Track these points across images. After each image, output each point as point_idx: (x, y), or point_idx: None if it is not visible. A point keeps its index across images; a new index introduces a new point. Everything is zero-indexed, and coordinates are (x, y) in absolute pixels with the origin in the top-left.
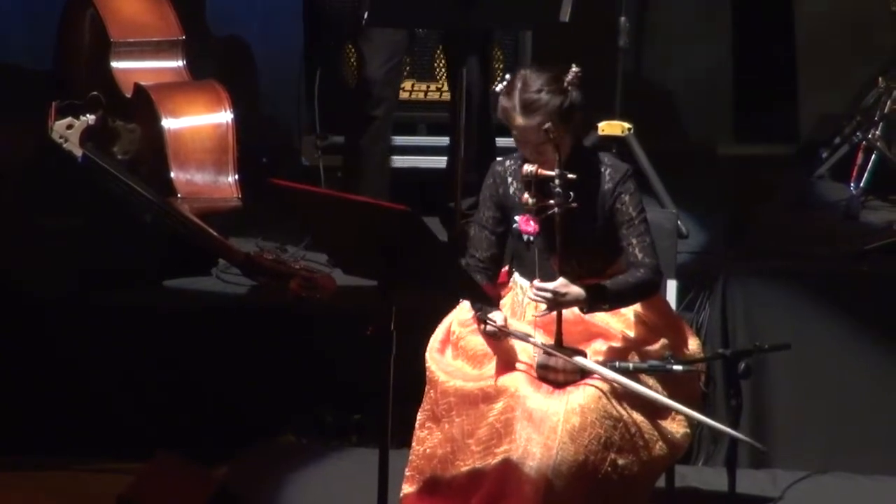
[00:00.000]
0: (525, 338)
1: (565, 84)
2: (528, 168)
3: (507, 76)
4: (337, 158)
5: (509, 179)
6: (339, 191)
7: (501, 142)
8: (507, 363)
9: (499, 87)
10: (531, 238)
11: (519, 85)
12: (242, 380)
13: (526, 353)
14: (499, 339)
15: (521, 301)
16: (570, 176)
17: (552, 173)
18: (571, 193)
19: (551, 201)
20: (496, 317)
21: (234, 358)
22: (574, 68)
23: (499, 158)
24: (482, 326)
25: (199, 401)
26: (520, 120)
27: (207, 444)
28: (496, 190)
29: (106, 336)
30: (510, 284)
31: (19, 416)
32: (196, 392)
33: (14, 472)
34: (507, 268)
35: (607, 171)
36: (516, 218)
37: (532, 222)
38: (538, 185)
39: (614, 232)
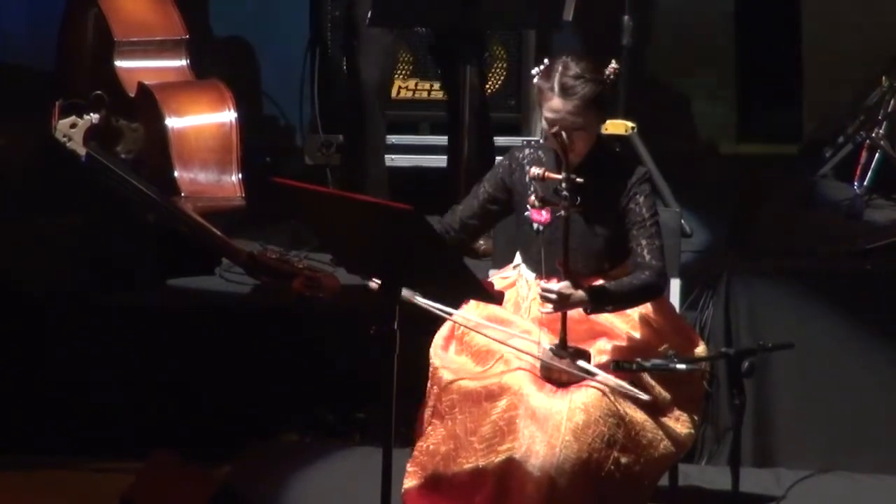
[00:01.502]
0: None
1: (604, 76)
2: (536, 170)
3: (546, 60)
4: (338, 158)
5: (526, 167)
6: (341, 190)
7: (500, 140)
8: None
9: (535, 71)
10: (541, 228)
11: (560, 68)
12: (245, 379)
13: (530, 351)
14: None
15: (526, 295)
16: (577, 180)
17: (559, 176)
18: (579, 198)
19: (558, 204)
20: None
21: (236, 357)
22: (613, 63)
23: (519, 145)
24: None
25: (202, 400)
26: (557, 101)
27: (210, 443)
28: (510, 174)
29: (106, 336)
30: (514, 278)
31: (19, 415)
32: (199, 391)
33: (14, 471)
34: (512, 264)
35: (624, 171)
36: (528, 206)
37: (544, 212)
38: (546, 186)
39: (623, 232)
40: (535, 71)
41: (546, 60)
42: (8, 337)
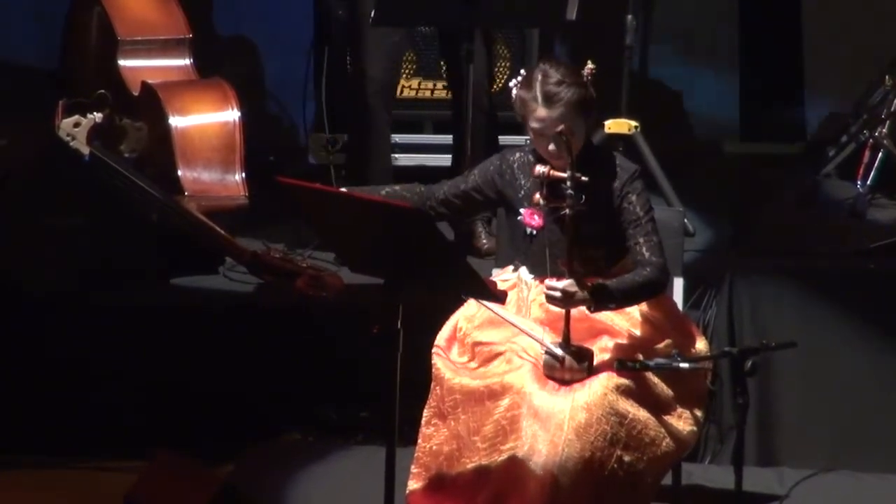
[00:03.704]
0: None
1: (583, 79)
2: (541, 169)
3: (523, 71)
4: (342, 157)
5: (517, 172)
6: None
7: (505, 139)
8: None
9: (513, 82)
10: (534, 232)
11: (539, 77)
12: (248, 378)
13: (532, 350)
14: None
15: (526, 297)
16: (583, 178)
17: (564, 175)
18: (583, 196)
19: (562, 203)
20: None
21: (240, 356)
22: (590, 65)
23: (510, 147)
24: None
25: (205, 399)
26: (541, 111)
27: (213, 442)
28: (500, 176)
29: (110, 335)
30: (514, 280)
31: (22, 415)
32: (202, 390)
33: (15, 471)
34: (512, 266)
35: (616, 170)
36: (521, 211)
37: (537, 216)
38: (549, 186)
39: (621, 231)
40: (513, 83)
41: (522, 71)
42: (10, 337)
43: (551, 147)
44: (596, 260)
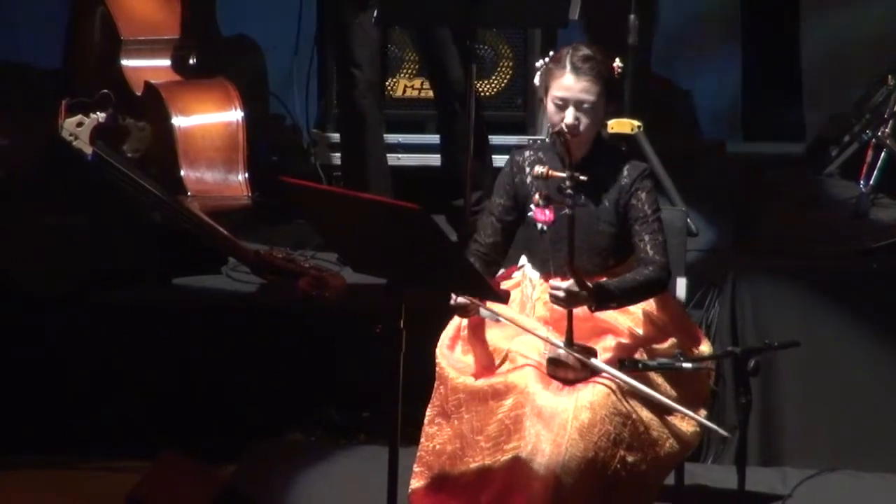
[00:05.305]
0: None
1: (612, 64)
2: (539, 169)
3: (551, 52)
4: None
5: (527, 169)
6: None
7: (507, 139)
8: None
9: (539, 63)
10: (545, 228)
11: (570, 50)
12: (251, 378)
13: (536, 350)
14: (468, 313)
15: (531, 295)
16: (581, 178)
17: (563, 175)
18: (583, 196)
19: (562, 203)
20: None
21: (242, 356)
22: (618, 61)
23: (517, 148)
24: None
25: (208, 399)
26: (569, 77)
27: (215, 442)
28: (512, 179)
29: (110, 335)
30: (519, 278)
31: (20, 415)
32: (204, 390)
33: (16, 471)
34: (517, 264)
35: (625, 168)
36: (531, 206)
37: (548, 211)
38: (550, 185)
39: (626, 229)
40: (539, 63)
41: (551, 52)
42: (10, 337)
43: (570, 113)
44: (604, 257)
